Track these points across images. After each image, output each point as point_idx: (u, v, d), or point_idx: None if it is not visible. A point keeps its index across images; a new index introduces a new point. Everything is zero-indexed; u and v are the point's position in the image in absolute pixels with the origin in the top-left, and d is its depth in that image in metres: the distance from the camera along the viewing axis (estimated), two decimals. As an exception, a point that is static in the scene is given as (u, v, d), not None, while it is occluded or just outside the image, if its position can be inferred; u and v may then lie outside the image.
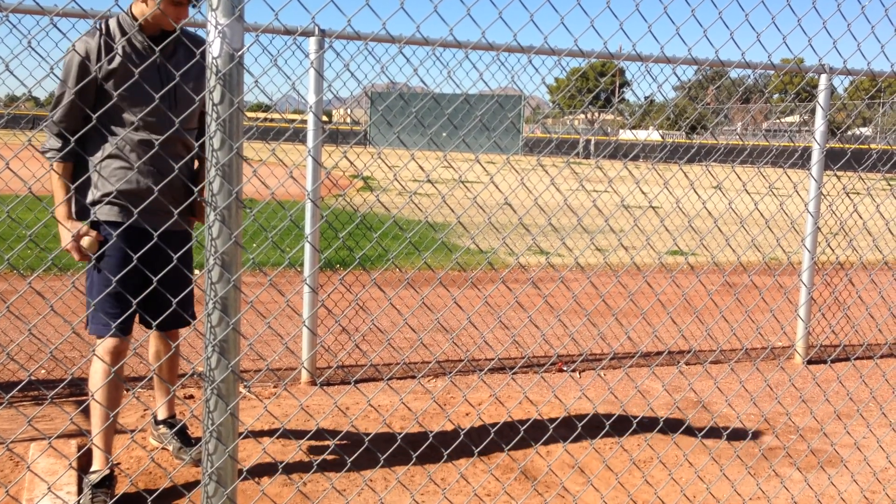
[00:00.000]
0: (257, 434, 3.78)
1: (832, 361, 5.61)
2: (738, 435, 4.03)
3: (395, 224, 4.45)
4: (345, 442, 3.73)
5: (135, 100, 2.91)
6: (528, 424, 3.67)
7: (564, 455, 3.62)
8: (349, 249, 2.76)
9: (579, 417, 4.17)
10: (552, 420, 4.12)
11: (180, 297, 2.41)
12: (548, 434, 3.91)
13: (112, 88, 2.88)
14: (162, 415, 3.53)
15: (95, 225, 2.99)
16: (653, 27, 2.21)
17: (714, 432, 4.01)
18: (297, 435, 3.79)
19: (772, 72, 5.18)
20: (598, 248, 4.04)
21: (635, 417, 4.16)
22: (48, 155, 2.92)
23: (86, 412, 3.88)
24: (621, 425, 4.07)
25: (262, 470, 3.36)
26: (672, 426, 4.12)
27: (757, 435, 4.06)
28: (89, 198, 2.98)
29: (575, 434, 3.87)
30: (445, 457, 3.19)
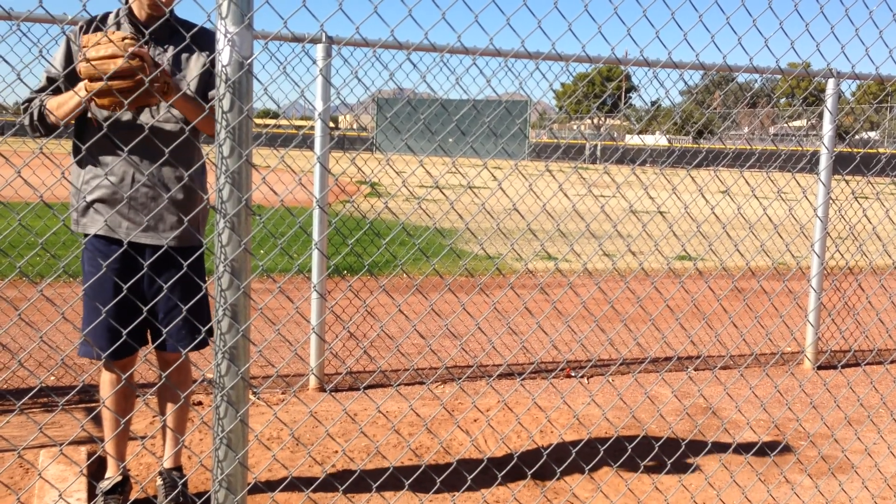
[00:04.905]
0: (266, 440, 3.78)
1: (842, 367, 5.57)
2: (748, 441, 4.01)
3: (403, 230, 4.46)
4: (354, 448, 3.73)
5: None
6: (537, 430, 3.67)
7: (574, 461, 3.62)
8: (357, 256, 2.76)
9: (588, 423, 4.16)
10: (561, 426, 4.11)
11: (171, 317, 2.18)
12: (557, 440, 3.90)
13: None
14: (167, 463, 3.14)
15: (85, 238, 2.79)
16: (660, 32, 2.21)
17: (724, 438, 4.00)
18: (307, 441, 3.79)
19: (779, 76, 5.17)
20: (607, 253, 4.03)
21: (644, 423, 4.15)
22: (33, 103, 2.66)
23: (96, 419, 3.89)
24: (630, 431, 4.05)
25: (272, 476, 3.36)
26: (682, 432, 4.11)
27: (767, 441, 4.04)
28: (78, 206, 2.79)
29: (584, 440, 3.86)
30: (455, 463, 3.19)
